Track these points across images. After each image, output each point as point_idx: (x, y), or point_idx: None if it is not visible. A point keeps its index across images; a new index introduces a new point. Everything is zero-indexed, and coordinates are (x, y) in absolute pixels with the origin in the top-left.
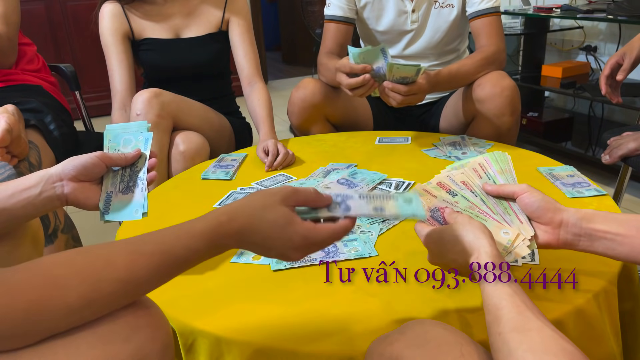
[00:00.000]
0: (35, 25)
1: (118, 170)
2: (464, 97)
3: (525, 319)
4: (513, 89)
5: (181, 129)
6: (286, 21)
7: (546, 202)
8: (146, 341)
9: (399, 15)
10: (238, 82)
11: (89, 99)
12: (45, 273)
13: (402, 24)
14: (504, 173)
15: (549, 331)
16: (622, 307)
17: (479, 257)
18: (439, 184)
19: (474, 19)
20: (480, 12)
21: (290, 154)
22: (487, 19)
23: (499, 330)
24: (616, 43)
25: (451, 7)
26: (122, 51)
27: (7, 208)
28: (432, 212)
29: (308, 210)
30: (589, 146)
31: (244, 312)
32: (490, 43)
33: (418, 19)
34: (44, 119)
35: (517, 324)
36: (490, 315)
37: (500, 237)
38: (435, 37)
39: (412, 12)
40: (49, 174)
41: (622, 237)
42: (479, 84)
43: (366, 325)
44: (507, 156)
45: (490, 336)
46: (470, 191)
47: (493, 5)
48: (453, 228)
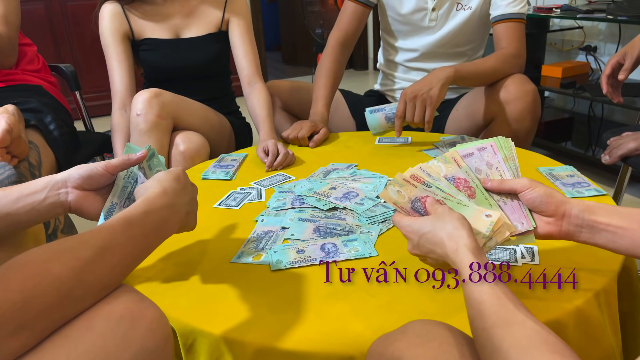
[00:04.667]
0: (35, 25)
1: (128, 185)
2: (482, 99)
3: (508, 312)
4: (535, 93)
5: (181, 129)
6: (286, 21)
7: (548, 196)
8: (146, 337)
9: (418, 10)
10: (238, 82)
11: (89, 99)
12: (27, 258)
13: (420, 20)
14: (507, 161)
15: (531, 323)
16: (622, 307)
17: (458, 249)
18: (413, 176)
19: (497, 23)
20: (505, 17)
21: (291, 154)
22: (510, 24)
23: (483, 325)
24: (616, 43)
25: (469, 9)
26: (122, 51)
27: (11, 213)
28: (413, 203)
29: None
30: (589, 146)
31: (244, 312)
32: (511, 46)
33: (437, 18)
34: (44, 119)
35: (499, 318)
36: (473, 310)
37: (481, 221)
38: (446, 37)
39: (432, 10)
40: (55, 180)
41: (623, 230)
42: (503, 85)
43: (366, 325)
44: (511, 143)
45: (474, 331)
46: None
47: (519, 10)
48: (433, 219)
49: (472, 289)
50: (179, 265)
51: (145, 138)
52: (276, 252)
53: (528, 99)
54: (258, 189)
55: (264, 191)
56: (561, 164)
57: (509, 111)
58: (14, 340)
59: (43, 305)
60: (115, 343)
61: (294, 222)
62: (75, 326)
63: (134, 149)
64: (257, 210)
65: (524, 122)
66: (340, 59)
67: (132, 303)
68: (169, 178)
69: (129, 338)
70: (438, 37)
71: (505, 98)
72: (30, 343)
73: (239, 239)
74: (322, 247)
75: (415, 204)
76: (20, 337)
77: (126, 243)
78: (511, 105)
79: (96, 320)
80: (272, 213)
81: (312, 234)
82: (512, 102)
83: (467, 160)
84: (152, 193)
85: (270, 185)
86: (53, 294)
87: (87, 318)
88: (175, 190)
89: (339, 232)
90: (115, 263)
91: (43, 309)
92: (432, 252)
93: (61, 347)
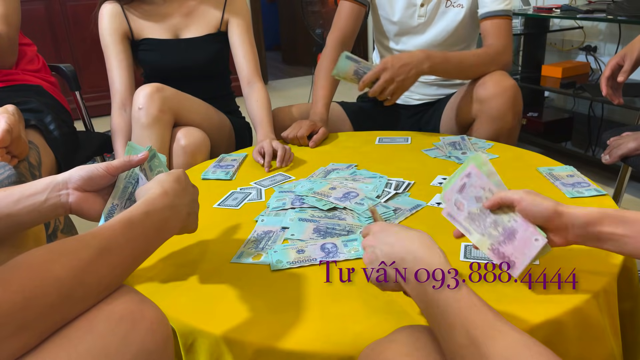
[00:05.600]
0: (35, 25)
1: (129, 186)
2: (464, 97)
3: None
4: (515, 89)
5: (182, 125)
6: (286, 21)
7: (548, 210)
8: (146, 338)
9: (408, 7)
10: (238, 82)
11: (89, 99)
12: (28, 259)
13: (410, 17)
14: (490, 176)
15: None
16: (622, 307)
17: (431, 246)
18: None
19: (484, 20)
20: (491, 14)
21: (288, 149)
22: (497, 20)
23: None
24: (616, 43)
25: (460, 7)
26: (121, 51)
27: (12, 214)
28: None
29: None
30: (589, 146)
31: (244, 312)
32: (497, 43)
33: (425, 14)
34: (44, 119)
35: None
36: (438, 319)
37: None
38: (440, 36)
39: (420, 6)
40: (56, 182)
41: (628, 237)
42: (481, 83)
43: (366, 325)
44: (483, 156)
45: (442, 342)
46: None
47: (504, 7)
48: (406, 229)
49: (439, 299)
50: (179, 265)
51: (147, 132)
52: (276, 252)
53: (507, 95)
54: (258, 189)
55: (264, 191)
56: (561, 164)
57: (488, 109)
58: (15, 341)
59: (44, 306)
60: (115, 344)
61: (294, 222)
62: (75, 327)
63: (136, 148)
64: (257, 210)
65: (505, 119)
66: None
67: (133, 304)
68: (169, 179)
69: (130, 339)
70: (431, 36)
71: (485, 95)
72: (31, 344)
73: (239, 239)
74: (322, 247)
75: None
76: (21, 337)
77: (127, 244)
78: (491, 102)
79: (97, 321)
80: (272, 213)
81: (312, 234)
82: (491, 99)
83: (464, 194)
84: (153, 194)
85: (270, 185)
86: (54, 295)
87: (88, 319)
88: (176, 191)
89: (339, 232)
90: (115, 264)
91: (44, 310)
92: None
93: (61, 347)
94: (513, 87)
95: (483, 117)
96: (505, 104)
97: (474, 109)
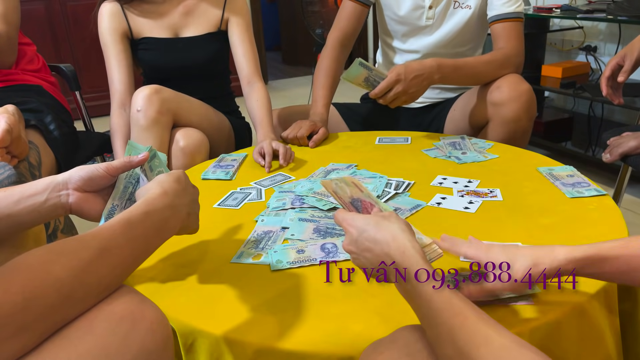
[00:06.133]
0: (35, 25)
1: (129, 186)
2: (478, 100)
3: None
4: (530, 93)
5: (181, 126)
6: (286, 21)
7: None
8: (146, 338)
9: (416, 8)
10: (238, 82)
11: (89, 99)
12: (28, 259)
13: (417, 19)
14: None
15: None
16: (622, 307)
17: (405, 251)
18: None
19: (494, 23)
20: (502, 17)
21: (288, 147)
22: (508, 23)
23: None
24: (616, 43)
25: (469, 8)
26: (121, 50)
27: (12, 214)
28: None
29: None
30: (589, 146)
31: (244, 312)
32: (508, 46)
33: (434, 16)
34: (44, 119)
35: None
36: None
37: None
38: (447, 37)
39: (428, 8)
40: (56, 182)
41: (610, 274)
42: (496, 87)
43: (366, 326)
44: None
45: (433, 349)
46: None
47: (515, 10)
48: (379, 218)
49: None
50: (179, 265)
51: (146, 134)
52: (276, 252)
53: (523, 99)
54: (258, 189)
55: (264, 191)
56: (561, 164)
57: (504, 112)
58: (15, 342)
59: (44, 306)
60: (115, 344)
61: (294, 222)
62: (75, 327)
63: (136, 147)
64: (257, 210)
65: (520, 122)
66: (339, 58)
67: (133, 304)
68: (169, 179)
69: (130, 339)
70: (438, 37)
71: (500, 99)
72: (31, 344)
73: (239, 239)
74: (322, 247)
75: (355, 202)
76: (21, 338)
77: (127, 244)
78: (506, 106)
79: (97, 321)
80: (272, 213)
81: (312, 234)
82: (507, 104)
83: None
84: (153, 194)
85: (270, 185)
86: (54, 295)
87: (88, 319)
88: (175, 191)
89: (339, 232)
90: (115, 264)
91: (44, 310)
92: (370, 250)
93: (62, 348)
94: (528, 92)
95: (498, 120)
96: (520, 108)
97: (489, 112)
